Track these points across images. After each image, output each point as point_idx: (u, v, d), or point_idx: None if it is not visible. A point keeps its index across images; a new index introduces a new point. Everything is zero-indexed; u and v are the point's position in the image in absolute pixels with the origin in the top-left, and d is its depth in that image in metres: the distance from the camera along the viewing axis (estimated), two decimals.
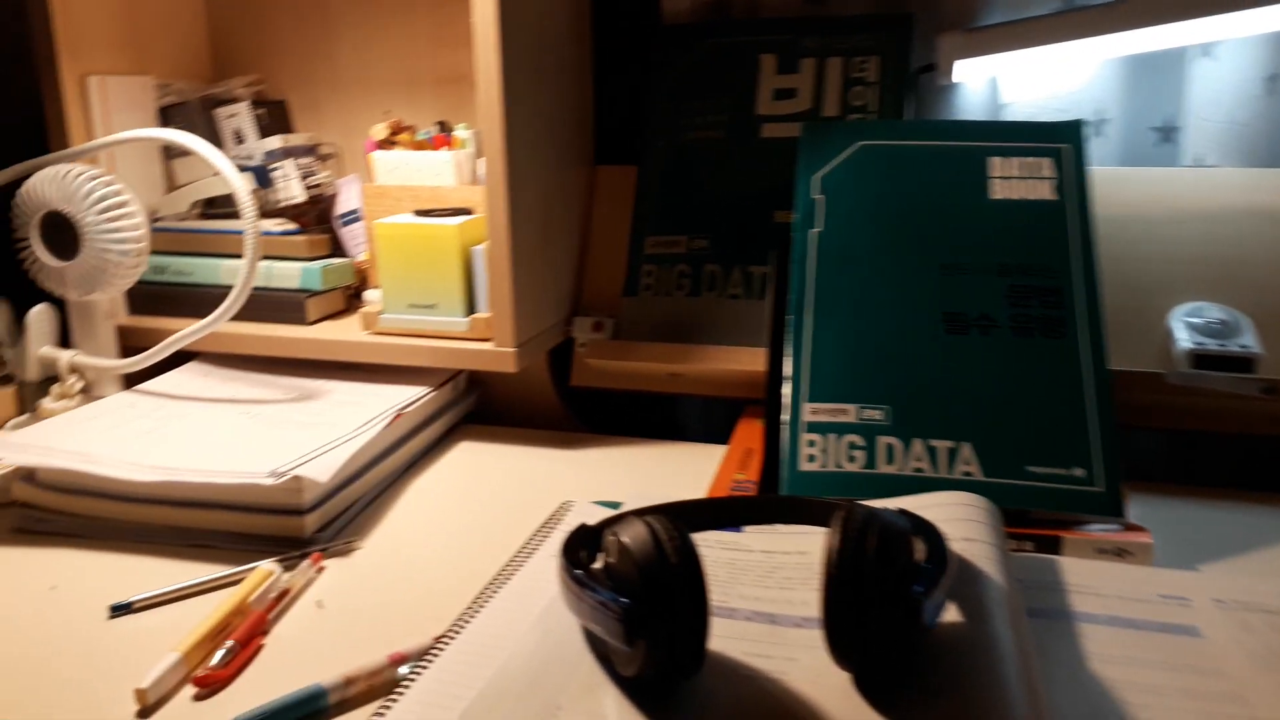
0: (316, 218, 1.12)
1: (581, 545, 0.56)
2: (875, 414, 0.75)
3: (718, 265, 0.98)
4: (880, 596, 0.47)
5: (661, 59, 1.04)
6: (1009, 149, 0.83)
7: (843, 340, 0.78)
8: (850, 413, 0.75)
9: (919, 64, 0.98)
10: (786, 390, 0.77)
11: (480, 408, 1.03)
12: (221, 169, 0.87)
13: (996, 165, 0.83)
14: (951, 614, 0.53)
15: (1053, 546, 0.69)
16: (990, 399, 0.75)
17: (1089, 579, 0.64)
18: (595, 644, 0.54)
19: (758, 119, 1.00)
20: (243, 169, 1.04)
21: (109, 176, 0.89)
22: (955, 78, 0.96)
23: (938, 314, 0.78)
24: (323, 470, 0.71)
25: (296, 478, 0.70)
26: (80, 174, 0.88)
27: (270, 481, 0.69)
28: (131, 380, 0.94)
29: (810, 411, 0.75)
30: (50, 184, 0.88)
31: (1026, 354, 0.76)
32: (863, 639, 0.48)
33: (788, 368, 0.77)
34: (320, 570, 0.68)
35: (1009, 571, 0.58)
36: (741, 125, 1.00)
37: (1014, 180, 0.82)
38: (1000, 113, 0.99)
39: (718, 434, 0.95)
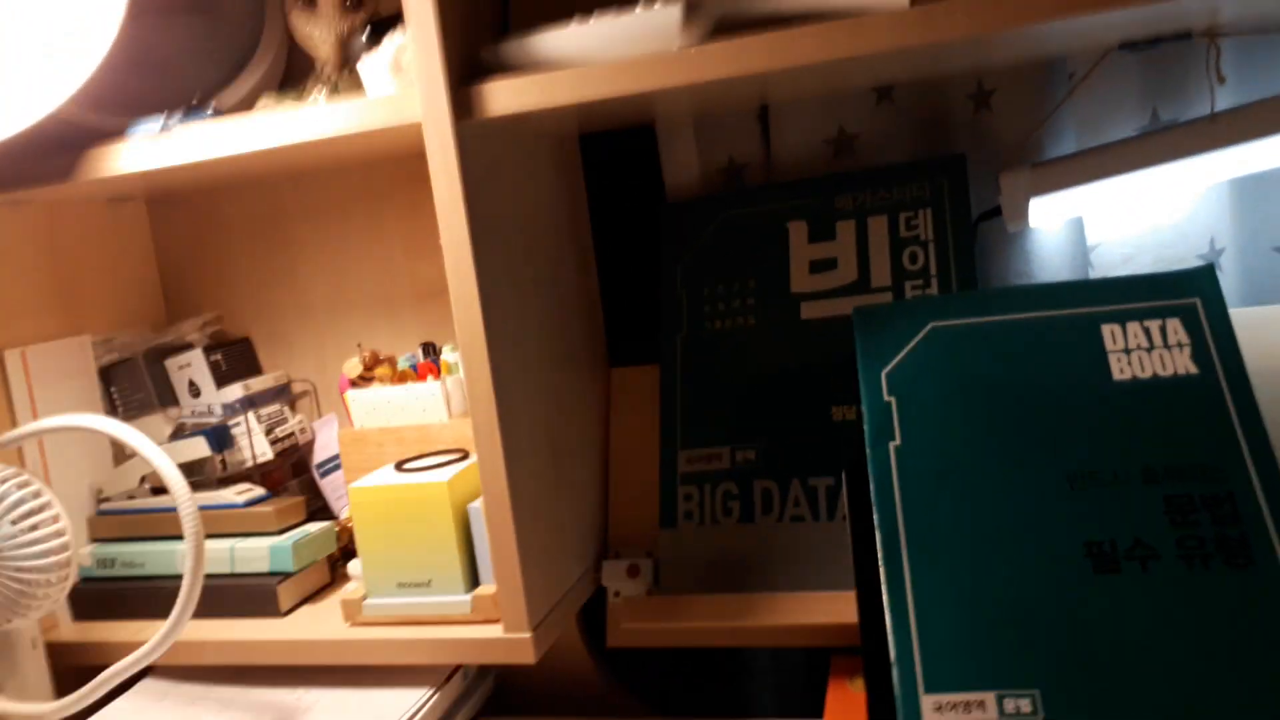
0: (293, 469, 0.96)
1: None
2: (1022, 703, 0.55)
3: (771, 480, 0.80)
4: None
5: (672, 240, 0.89)
6: (1123, 312, 0.66)
7: (957, 593, 0.59)
8: (988, 705, 0.55)
9: (978, 210, 0.82)
10: (894, 675, 0.57)
11: (500, 690, 0.83)
12: (135, 447, 0.71)
13: (1112, 335, 0.65)
14: None
15: None
16: (1174, 665, 0.55)
17: None
18: None
19: (794, 298, 0.84)
20: (199, 430, 0.88)
21: (22, 476, 0.73)
22: (1029, 221, 0.79)
23: (1076, 545, 0.59)
24: None
25: None
26: None
27: None
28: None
29: (933, 707, 0.56)
30: None
31: (1208, 594, 0.56)
32: None
33: (890, 644, 0.58)
34: None
35: None
36: (775, 307, 0.84)
37: (1139, 353, 0.64)
38: (1089, 257, 0.82)
39: (798, 694, 0.75)
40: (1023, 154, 0.81)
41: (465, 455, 0.79)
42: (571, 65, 0.65)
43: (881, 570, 0.60)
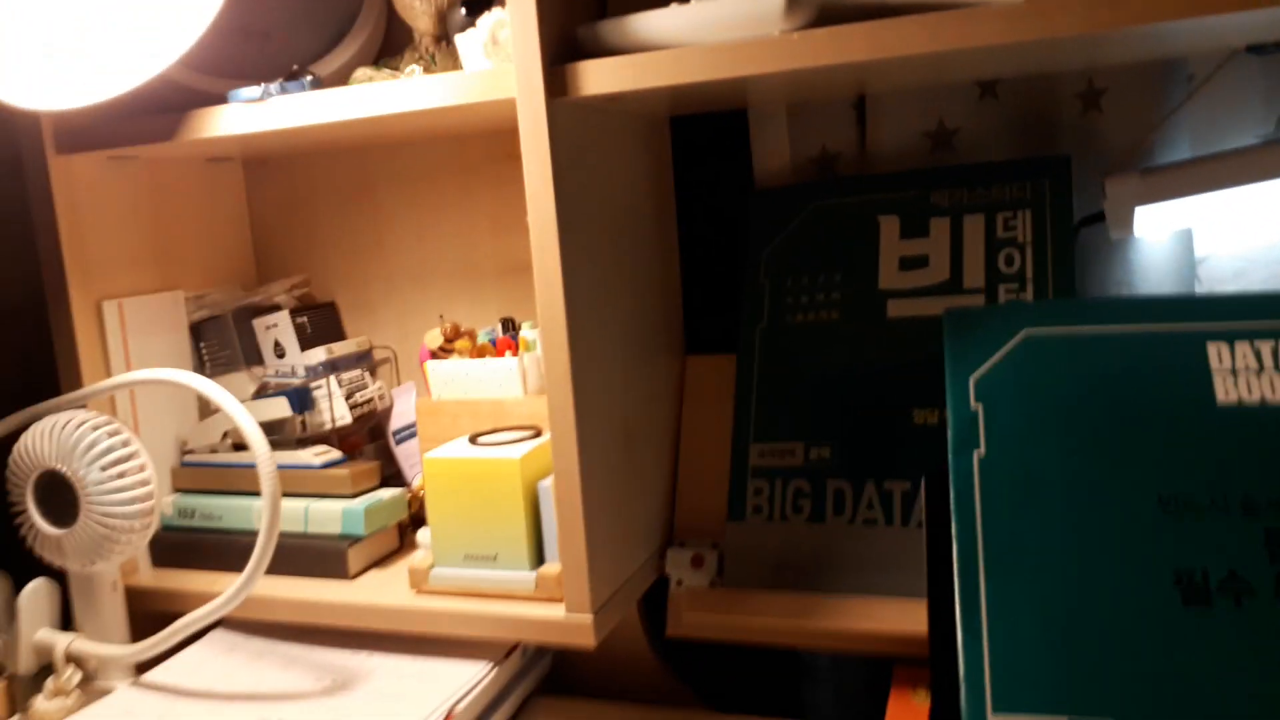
0: (370, 433, 0.97)
1: None
2: None
3: (845, 481, 0.79)
4: None
5: (759, 228, 0.87)
6: (1232, 331, 0.62)
7: (1034, 614, 0.57)
8: None
9: (1080, 215, 0.79)
10: (962, 692, 0.55)
11: (557, 670, 0.84)
12: (220, 404, 0.73)
13: (1219, 355, 0.62)
14: None
15: None
16: (1265, 708, 0.52)
17: None
18: None
19: (881, 295, 0.81)
20: (281, 390, 0.90)
21: (113, 424, 0.76)
22: (1134, 230, 0.75)
23: (1165, 574, 0.56)
24: None
25: None
26: (79, 424, 0.75)
27: None
28: (145, 664, 0.79)
29: None
30: (45, 438, 0.75)
31: None
32: None
33: (960, 659, 0.56)
34: None
35: None
36: (861, 303, 0.82)
37: (1248, 375, 0.61)
38: (1196, 270, 0.78)
39: (857, 702, 0.73)
40: (1132, 159, 0.78)
41: (538, 433, 0.79)
42: (668, 47, 0.64)
43: (956, 582, 0.59)
